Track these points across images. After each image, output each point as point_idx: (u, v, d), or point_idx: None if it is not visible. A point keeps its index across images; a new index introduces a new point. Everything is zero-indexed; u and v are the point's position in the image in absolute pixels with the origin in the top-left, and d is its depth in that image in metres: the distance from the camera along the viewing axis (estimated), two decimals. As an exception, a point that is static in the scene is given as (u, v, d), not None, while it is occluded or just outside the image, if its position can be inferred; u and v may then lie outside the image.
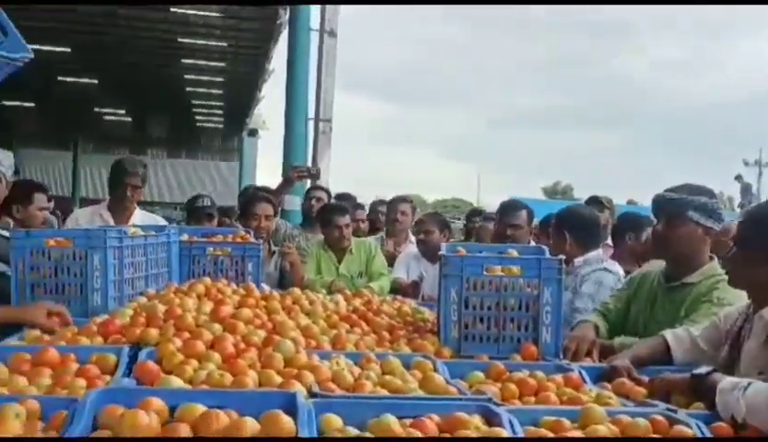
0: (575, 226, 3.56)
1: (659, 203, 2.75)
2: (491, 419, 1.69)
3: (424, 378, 2.07)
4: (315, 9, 9.97)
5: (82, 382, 1.86)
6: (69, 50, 15.54)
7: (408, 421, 1.65)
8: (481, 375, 2.20)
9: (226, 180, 27.63)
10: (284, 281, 4.41)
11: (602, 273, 3.42)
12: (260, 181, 21.83)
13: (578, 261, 3.47)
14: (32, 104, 23.31)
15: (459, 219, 12.15)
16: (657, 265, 2.94)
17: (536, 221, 4.62)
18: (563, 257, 2.61)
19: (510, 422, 1.64)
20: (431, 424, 1.63)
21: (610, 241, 4.58)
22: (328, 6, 9.99)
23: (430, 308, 3.23)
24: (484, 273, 2.62)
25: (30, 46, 2.73)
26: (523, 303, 2.60)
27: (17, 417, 1.45)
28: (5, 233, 3.06)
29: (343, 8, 10.21)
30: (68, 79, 19.55)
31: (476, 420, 1.65)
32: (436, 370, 2.16)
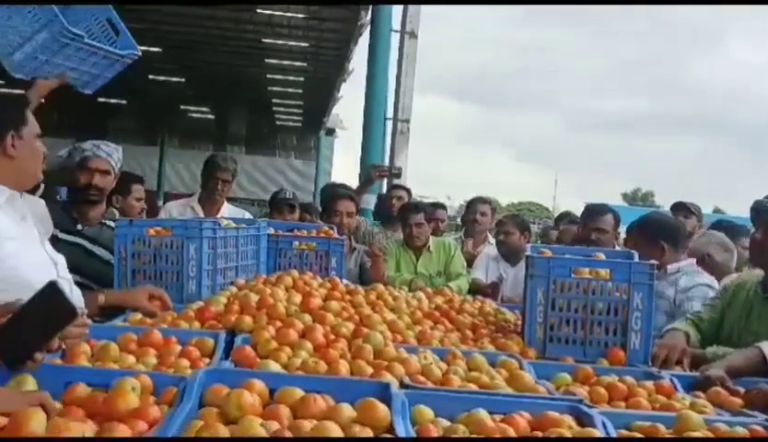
0: (668, 233, 3.48)
1: (759, 210, 2.67)
2: (582, 420, 1.68)
3: (511, 376, 2.08)
4: (396, 11, 10.06)
5: (186, 362, 1.96)
6: (160, 50, 16.18)
7: (498, 417, 1.67)
8: (568, 377, 2.19)
9: (302, 178, 28.12)
10: (363, 277, 4.48)
11: (706, 288, 3.34)
12: (336, 180, 22.14)
13: (672, 267, 3.40)
14: (124, 101, 24.35)
15: (534, 223, 12.01)
16: (753, 275, 2.86)
17: (622, 228, 4.53)
18: (655, 262, 2.57)
19: (603, 424, 1.64)
20: (522, 421, 1.64)
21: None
22: (409, 8, 10.05)
23: (510, 309, 3.23)
24: (572, 275, 2.61)
25: (126, 45, 2.92)
26: (612, 307, 2.57)
27: (133, 390, 1.55)
28: (112, 224, 3.23)
29: (425, 9, 10.24)
30: (158, 78, 20.32)
31: (568, 420, 1.65)
32: (521, 370, 2.17)
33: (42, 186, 3.35)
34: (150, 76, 19.94)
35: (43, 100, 2.90)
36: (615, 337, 2.56)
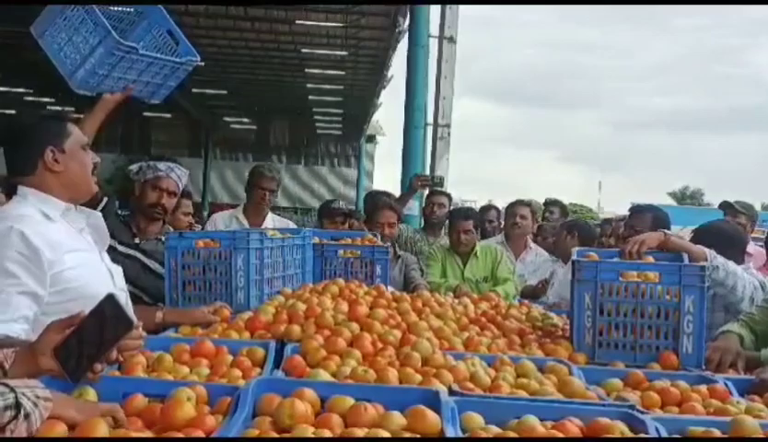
0: (724, 242, 3.39)
1: None
2: (635, 426, 1.66)
3: (561, 382, 2.06)
4: (434, 16, 10.07)
5: (238, 372, 2.00)
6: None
7: (549, 423, 1.66)
8: (619, 382, 2.17)
9: (343, 185, 28.27)
10: (407, 285, 4.49)
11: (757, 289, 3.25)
12: (377, 187, 22.22)
13: None
14: (168, 114, 24.84)
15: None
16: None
17: (675, 228, 4.44)
18: (706, 263, 2.53)
19: (657, 429, 1.62)
20: (573, 428, 1.63)
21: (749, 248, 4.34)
22: (447, 13, 10.06)
23: (557, 313, 3.20)
24: (620, 278, 2.58)
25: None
26: (662, 311, 2.53)
27: (188, 400, 1.59)
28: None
29: (463, 14, 10.23)
30: (200, 91, 20.69)
31: (620, 426, 1.64)
32: (571, 375, 2.15)
33: (105, 199, 3.45)
34: (193, 90, 20.31)
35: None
36: (666, 341, 2.52)
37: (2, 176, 4.21)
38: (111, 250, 3.13)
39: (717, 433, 1.65)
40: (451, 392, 1.87)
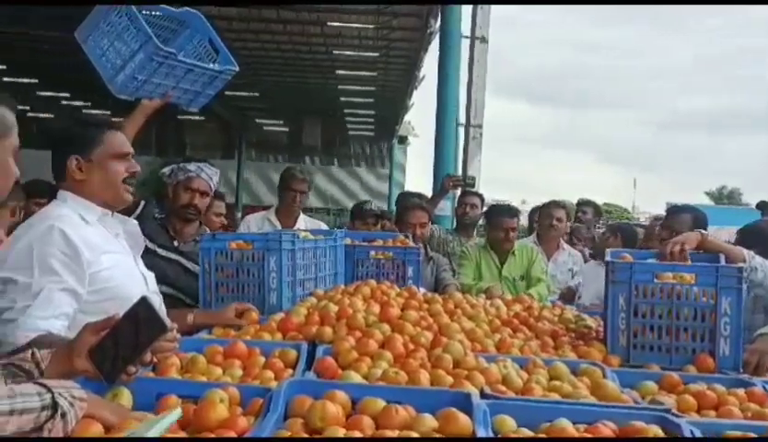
0: (761, 242, 3.32)
1: None
2: (670, 431, 1.64)
3: (594, 384, 2.04)
4: (466, 16, 10.03)
5: (270, 374, 2.01)
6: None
7: (582, 426, 1.65)
8: (653, 385, 2.14)
9: (375, 186, 28.33)
10: (439, 286, 4.47)
11: None
12: (408, 188, 22.25)
13: None
14: (202, 117, 25.17)
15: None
16: None
17: (712, 228, 4.36)
18: (743, 265, 2.48)
19: (692, 434, 1.59)
20: (607, 431, 1.61)
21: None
22: (479, 13, 10.01)
23: (590, 315, 3.17)
24: (655, 280, 2.54)
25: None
26: (698, 312, 2.49)
27: (221, 402, 1.61)
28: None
29: (495, 14, 10.18)
30: (233, 93, 20.91)
31: (655, 429, 1.62)
32: (605, 378, 2.13)
33: (143, 203, 3.51)
34: (226, 93, 20.54)
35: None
36: (703, 343, 2.48)
37: (44, 181, 4.31)
38: (152, 254, 3.19)
39: (755, 437, 1.61)
40: (483, 395, 1.86)
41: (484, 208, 5.61)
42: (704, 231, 2.86)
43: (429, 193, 6.61)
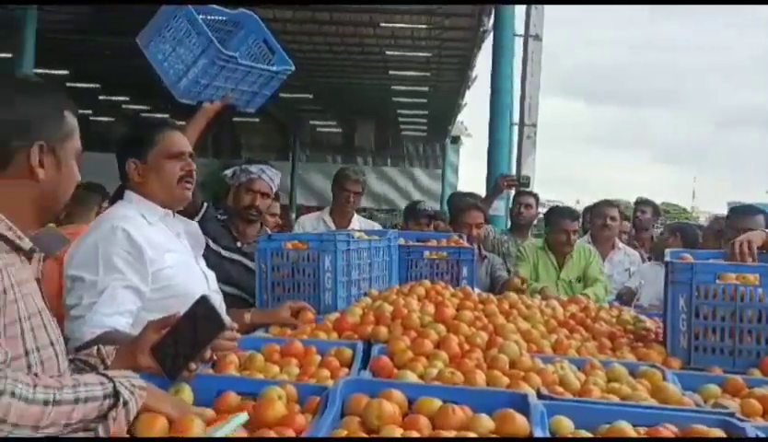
0: None
1: None
2: (733, 434, 1.60)
3: (654, 387, 2.00)
4: (519, 14, 9.94)
5: (326, 372, 2.03)
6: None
7: (642, 429, 1.62)
8: (716, 388, 2.08)
9: (428, 186, 28.29)
10: (494, 287, 4.45)
11: None
12: (461, 188, 22.15)
13: None
14: (257, 119, 25.57)
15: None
16: None
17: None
18: (811, 265, 2.39)
19: (757, 438, 1.55)
20: (668, 434, 1.58)
21: None
22: (533, 11, 9.91)
23: (649, 316, 3.10)
24: (717, 281, 2.48)
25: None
26: (763, 314, 2.41)
27: (279, 399, 1.64)
28: None
29: (549, 11, 10.06)
30: (287, 95, 21.18)
31: (718, 433, 1.58)
32: (665, 380, 2.08)
33: (205, 206, 3.60)
34: (281, 94, 20.83)
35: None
36: (768, 346, 2.40)
37: (96, 184, 4.46)
38: (216, 255, 3.27)
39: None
40: (540, 396, 1.85)
41: (539, 208, 5.56)
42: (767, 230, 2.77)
43: (482, 193, 6.57)
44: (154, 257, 2.22)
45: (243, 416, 1.46)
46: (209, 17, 3.03)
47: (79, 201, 3.94)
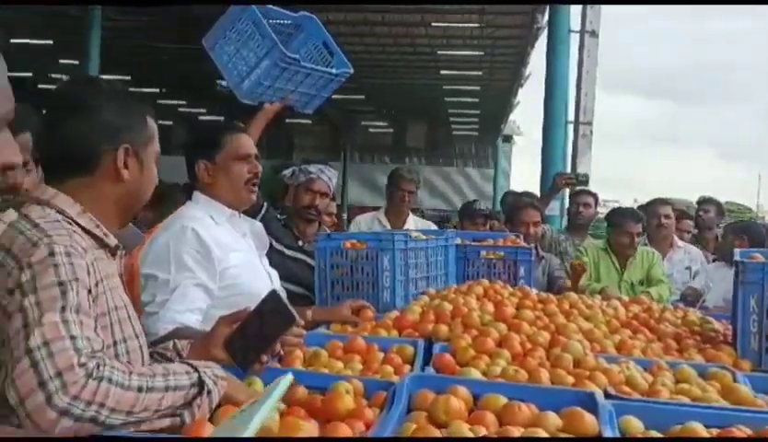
0: None
1: None
2: (811, 437, 1.56)
3: (725, 389, 1.95)
4: (575, 10, 9.79)
5: (389, 368, 2.05)
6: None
7: (715, 430, 1.59)
8: (789, 391, 2.03)
9: (480, 186, 28.09)
10: (551, 286, 4.40)
11: None
12: (514, 187, 21.94)
13: None
14: (309, 121, 25.85)
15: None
16: None
17: None
18: None
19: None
20: (742, 435, 1.55)
21: None
22: (589, 7, 9.75)
23: (716, 318, 3.03)
24: (789, 280, 2.40)
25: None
26: (839, 316, 2.33)
27: (347, 393, 1.66)
28: None
29: (607, 7, 9.88)
30: (339, 97, 21.36)
31: (795, 436, 1.54)
32: (736, 382, 2.03)
33: (265, 205, 3.66)
34: (334, 96, 20.99)
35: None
36: (844, 348, 2.32)
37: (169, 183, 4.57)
38: (280, 254, 3.33)
39: None
40: (607, 396, 1.83)
41: (598, 208, 5.47)
42: None
43: (536, 192, 6.50)
44: (221, 256, 2.28)
45: (288, 378, 1.45)
46: (271, 21, 3.09)
47: (165, 199, 3.98)
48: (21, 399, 1.26)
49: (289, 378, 1.45)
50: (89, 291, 1.42)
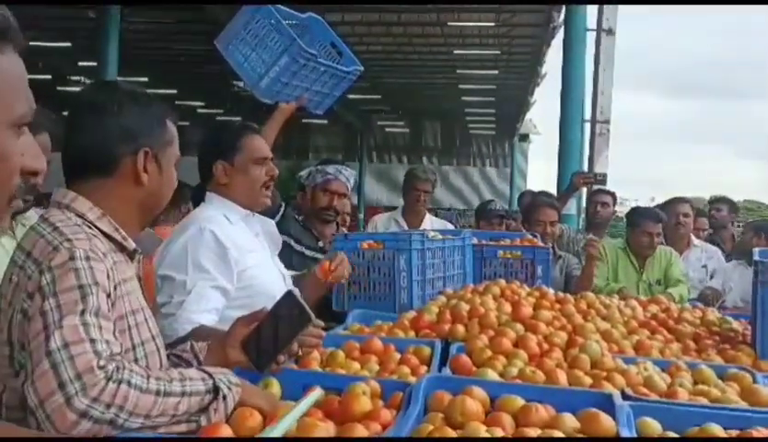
0: None
1: None
2: (833, 440, 1.54)
3: (745, 390, 1.94)
4: (591, 9, 9.73)
5: (406, 369, 2.06)
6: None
7: (734, 432, 1.57)
8: (810, 392, 2.00)
9: (497, 185, 28.01)
10: (569, 286, 4.38)
11: None
12: (530, 186, 21.85)
13: None
14: (325, 121, 25.90)
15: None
16: None
17: None
18: None
19: None
20: (761, 437, 1.53)
21: None
22: (606, 5, 9.68)
23: (735, 318, 3.00)
24: (810, 280, 2.38)
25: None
26: None
27: (364, 394, 1.66)
28: None
29: (623, 6, 9.81)
30: (355, 97, 21.37)
31: (817, 438, 1.52)
32: (755, 383, 2.02)
33: (283, 206, 3.68)
34: (349, 96, 21.02)
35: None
36: None
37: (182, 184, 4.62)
38: (300, 255, 3.34)
39: None
40: (624, 397, 1.82)
41: (616, 207, 5.44)
42: None
43: (552, 191, 6.47)
44: (238, 257, 2.30)
45: (318, 393, 1.46)
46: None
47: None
48: (41, 400, 1.28)
49: (319, 392, 1.46)
50: (108, 295, 1.43)
